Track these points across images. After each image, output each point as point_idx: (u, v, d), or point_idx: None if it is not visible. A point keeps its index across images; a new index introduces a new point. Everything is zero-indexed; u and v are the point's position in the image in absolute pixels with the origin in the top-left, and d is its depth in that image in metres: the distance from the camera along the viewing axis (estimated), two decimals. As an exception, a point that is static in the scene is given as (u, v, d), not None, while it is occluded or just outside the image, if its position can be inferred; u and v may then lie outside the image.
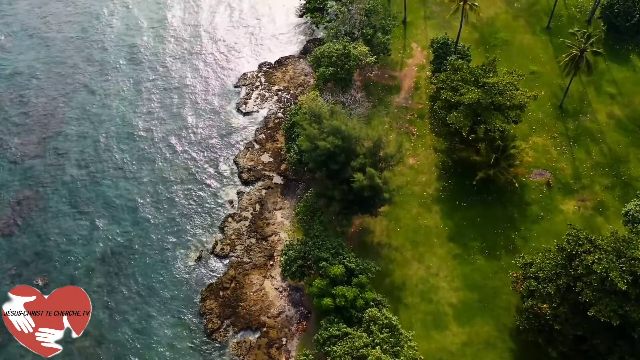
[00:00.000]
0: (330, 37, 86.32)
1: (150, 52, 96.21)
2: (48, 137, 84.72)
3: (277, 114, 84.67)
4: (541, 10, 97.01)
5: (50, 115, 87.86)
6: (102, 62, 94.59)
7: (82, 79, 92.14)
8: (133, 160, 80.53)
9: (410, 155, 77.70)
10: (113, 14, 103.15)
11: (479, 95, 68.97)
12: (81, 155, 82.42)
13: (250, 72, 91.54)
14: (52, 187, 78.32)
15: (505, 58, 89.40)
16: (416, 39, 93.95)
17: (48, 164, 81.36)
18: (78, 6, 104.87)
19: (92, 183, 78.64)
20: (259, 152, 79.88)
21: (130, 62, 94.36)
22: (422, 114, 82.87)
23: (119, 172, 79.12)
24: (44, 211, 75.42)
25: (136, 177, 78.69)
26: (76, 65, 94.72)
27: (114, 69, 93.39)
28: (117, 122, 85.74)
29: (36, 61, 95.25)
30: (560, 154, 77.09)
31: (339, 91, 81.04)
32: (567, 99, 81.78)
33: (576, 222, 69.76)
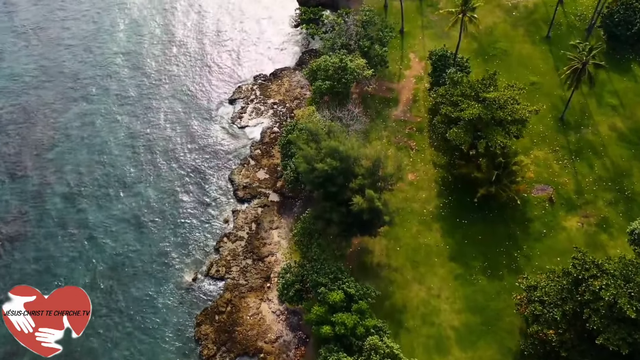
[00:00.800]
0: (326, 49, 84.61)
1: (142, 67, 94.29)
2: (41, 151, 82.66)
3: (272, 129, 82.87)
4: (540, 19, 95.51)
5: (43, 128, 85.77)
6: (93, 76, 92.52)
7: (75, 92, 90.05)
8: (125, 178, 78.60)
9: (409, 170, 75.97)
10: (104, 27, 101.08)
11: (479, 110, 67.31)
12: (73, 171, 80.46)
13: (245, 85, 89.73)
14: (42, 205, 76.34)
15: (504, 69, 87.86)
16: (414, 49, 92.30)
17: (39, 179, 79.40)
18: (71, 12, 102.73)
19: (83, 201, 76.60)
20: (254, 168, 78.04)
21: (120, 77, 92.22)
22: (421, 128, 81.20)
23: (110, 190, 77.20)
24: (33, 231, 73.29)
25: (128, 195, 76.76)
26: (70, 75, 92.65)
27: (107, 82, 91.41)
28: (109, 140, 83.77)
29: (29, 71, 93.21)
30: (562, 168, 75.56)
31: (335, 106, 79.27)
32: (568, 111, 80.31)
33: (579, 239, 68.45)
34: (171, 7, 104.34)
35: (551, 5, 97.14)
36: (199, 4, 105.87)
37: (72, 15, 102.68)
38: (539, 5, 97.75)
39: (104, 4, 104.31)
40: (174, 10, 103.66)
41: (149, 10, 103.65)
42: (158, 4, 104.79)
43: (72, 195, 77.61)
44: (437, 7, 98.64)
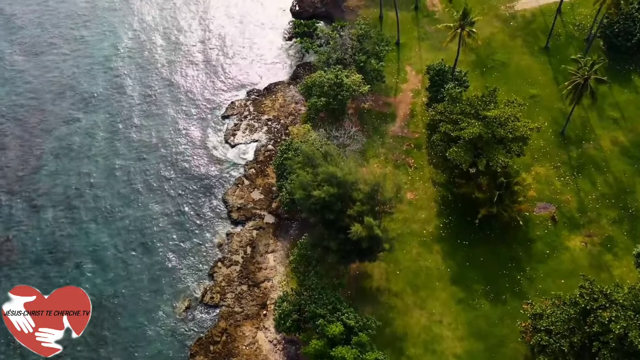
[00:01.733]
0: (321, 63, 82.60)
1: (132, 82, 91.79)
2: (27, 173, 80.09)
3: (267, 146, 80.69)
4: (538, 29, 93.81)
5: (30, 148, 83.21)
6: (81, 93, 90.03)
7: (62, 110, 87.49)
8: (114, 200, 76.24)
9: (408, 189, 74.00)
10: (92, 41, 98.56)
11: (479, 129, 65.41)
12: (60, 195, 77.83)
13: (239, 100, 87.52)
14: (27, 231, 73.77)
15: (503, 81, 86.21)
16: (410, 62, 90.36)
17: (25, 204, 76.82)
18: (55, 32, 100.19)
19: (71, 226, 74.21)
20: (249, 188, 75.84)
21: (110, 93, 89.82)
22: (419, 144, 79.26)
23: (100, 213, 74.75)
24: (17, 259, 70.69)
25: (117, 218, 74.34)
26: (56, 95, 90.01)
27: (94, 100, 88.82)
28: (98, 159, 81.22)
29: (12, 90, 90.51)
30: (564, 185, 73.80)
31: (331, 122, 77.39)
32: (569, 125, 78.56)
33: (583, 260, 66.76)
34: (159, 21, 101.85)
35: (549, 15, 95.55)
36: (188, 18, 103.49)
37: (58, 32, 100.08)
38: (536, 14, 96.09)
39: (87, 24, 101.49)
40: (162, 25, 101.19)
41: (138, 25, 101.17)
42: (145, 19, 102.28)
43: (58, 220, 75.07)
44: (434, 18, 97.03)
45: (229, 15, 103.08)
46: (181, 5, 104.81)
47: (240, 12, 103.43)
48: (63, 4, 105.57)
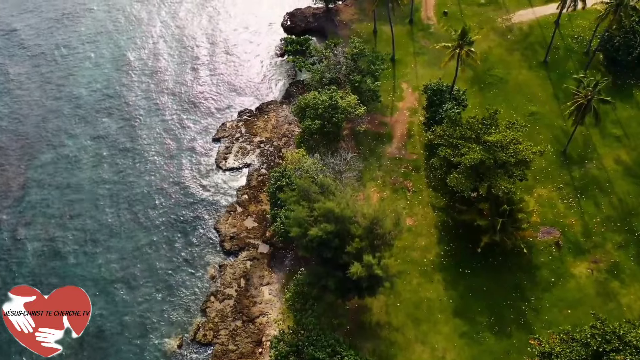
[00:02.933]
0: (314, 82, 79.98)
1: (118, 104, 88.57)
2: (11, 201, 76.77)
3: (260, 170, 77.84)
4: (536, 42, 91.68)
5: (13, 175, 79.87)
6: (66, 115, 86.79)
7: (48, 134, 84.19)
8: (101, 230, 73.04)
9: (407, 214, 71.38)
10: (76, 62, 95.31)
11: (481, 155, 62.90)
12: (45, 224, 74.56)
13: (230, 121, 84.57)
14: (10, 264, 70.41)
15: (502, 98, 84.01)
16: (406, 79, 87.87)
17: (8, 234, 73.52)
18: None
19: (55, 258, 70.91)
20: (241, 216, 72.94)
21: (96, 117, 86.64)
22: (417, 166, 76.71)
23: (85, 245, 71.51)
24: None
25: (103, 251, 71.05)
26: (40, 119, 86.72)
27: (79, 124, 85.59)
28: (82, 187, 77.94)
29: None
30: (568, 207, 71.49)
31: (326, 145, 74.78)
32: (571, 143, 76.32)
33: (590, 288, 64.49)
34: (149, 38, 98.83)
35: (546, 27, 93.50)
36: (175, 35, 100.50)
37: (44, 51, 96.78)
38: (534, 27, 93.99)
39: (72, 41, 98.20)
40: (152, 42, 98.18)
41: (125, 42, 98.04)
42: (133, 40, 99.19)
43: (42, 251, 71.83)
44: (429, 32, 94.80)
45: (217, 32, 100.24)
46: (168, 23, 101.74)
47: (230, 28, 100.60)
48: (41, 21, 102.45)
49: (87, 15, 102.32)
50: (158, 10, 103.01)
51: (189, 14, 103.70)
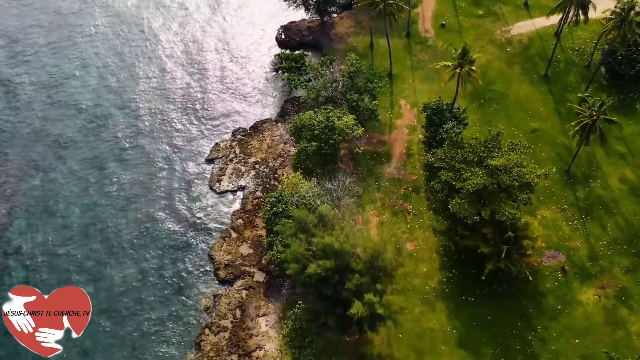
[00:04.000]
0: (310, 101, 77.55)
1: (107, 124, 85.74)
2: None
3: (255, 193, 75.33)
4: (536, 55, 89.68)
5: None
6: (55, 137, 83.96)
7: (33, 159, 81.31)
8: (89, 261, 70.27)
9: (407, 239, 69.17)
10: (65, 80, 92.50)
11: (484, 179, 60.75)
12: (32, 254, 71.58)
13: (224, 141, 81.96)
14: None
15: (502, 114, 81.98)
16: (404, 95, 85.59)
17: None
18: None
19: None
20: (236, 242, 70.45)
21: (85, 138, 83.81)
22: (417, 187, 74.43)
23: (73, 276, 68.57)
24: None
25: (90, 282, 68.04)
26: (27, 140, 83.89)
27: (68, 146, 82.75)
28: (71, 214, 74.89)
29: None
30: (573, 229, 69.43)
31: (323, 166, 72.46)
32: (575, 161, 74.25)
33: (598, 315, 62.46)
34: (137, 58, 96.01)
35: (546, 39, 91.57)
36: (168, 48, 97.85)
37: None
38: (533, 39, 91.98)
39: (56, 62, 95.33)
40: (141, 61, 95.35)
41: (113, 60, 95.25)
42: (122, 56, 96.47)
43: (26, 277, 69.00)
44: (427, 45, 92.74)
45: (210, 46, 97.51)
46: (157, 41, 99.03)
47: (222, 42, 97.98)
48: (28, 39, 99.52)
49: (77, 40, 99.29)
50: (146, 29, 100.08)
51: (180, 27, 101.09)
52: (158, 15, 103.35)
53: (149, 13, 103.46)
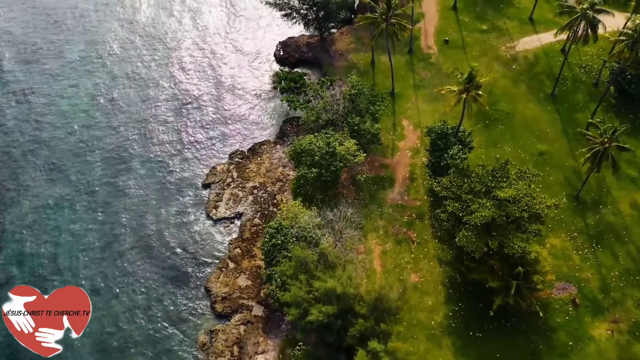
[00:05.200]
0: (309, 123, 74.90)
1: (97, 145, 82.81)
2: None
3: (253, 220, 72.63)
4: (542, 73, 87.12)
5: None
6: (44, 159, 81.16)
7: (22, 183, 78.48)
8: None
9: (411, 269, 66.54)
10: (56, 98, 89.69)
11: (492, 212, 58.16)
12: (22, 280, 68.87)
13: (220, 164, 79.19)
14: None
15: (508, 135, 79.40)
16: (407, 115, 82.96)
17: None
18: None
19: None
20: (234, 273, 67.74)
21: (75, 161, 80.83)
22: (421, 214, 71.77)
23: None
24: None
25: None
26: (15, 163, 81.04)
27: (58, 169, 79.94)
28: (59, 242, 71.96)
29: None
30: (584, 259, 66.86)
31: (324, 195, 69.89)
32: (584, 186, 71.72)
33: (611, 352, 59.91)
34: (131, 73, 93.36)
35: (552, 55, 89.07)
36: (162, 66, 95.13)
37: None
38: (539, 56, 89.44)
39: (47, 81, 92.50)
40: (134, 79, 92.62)
41: (104, 80, 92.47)
42: (112, 71, 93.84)
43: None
44: (429, 62, 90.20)
45: (205, 63, 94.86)
46: (151, 56, 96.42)
47: (218, 59, 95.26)
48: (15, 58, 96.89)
49: (66, 57, 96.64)
50: (137, 49, 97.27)
51: (173, 44, 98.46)
52: (149, 33, 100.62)
53: (139, 32, 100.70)
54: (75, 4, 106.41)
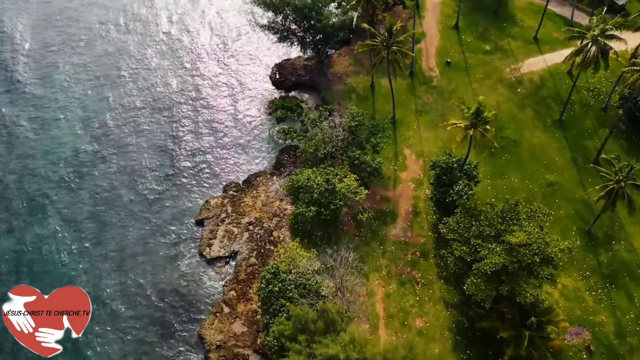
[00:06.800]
0: (308, 155, 71.40)
1: (86, 179, 78.96)
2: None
3: (249, 259, 69.01)
4: (549, 97, 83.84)
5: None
6: (26, 193, 77.31)
7: (5, 215, 74.81)
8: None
9: (416, 314, 63.07)
10: (43, 128, 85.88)
11: (502, 259, 54.78)
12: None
13: (214, 198, 75.47)
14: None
15: (515, 165, 76.06)
16: (409, 143, 79.48)
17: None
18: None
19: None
20: (229, 318, 64.12)
21: (60, 196, 76.98)
22: (426, 251, 68.34)
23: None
24: None
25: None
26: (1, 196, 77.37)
27: (40, 204, 76.07)
28: (46, 278, 68.23)
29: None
30: (597, 301, 63.53)
31: (323, 232, 66.44)
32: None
33: (629, 405, 56.40)
34: (120, 98, 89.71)
35: (559, 77, 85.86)
36: (152, 91, 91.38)
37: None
38: (545, 78, 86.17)
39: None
40: (124, 104, 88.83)
41: (93, 106, 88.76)
42: (101, 93, 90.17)
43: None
44: (431, 85, 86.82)
45: (198, 89, 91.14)
46: (143, 80, 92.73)
47: (211, 82, 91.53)
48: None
49: (55, 80, 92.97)
50: (126, 72, 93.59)
51: (163, 66, 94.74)
52: (139, 56, 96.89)
53: (128, 54, 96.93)
54: (64, 28, 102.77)
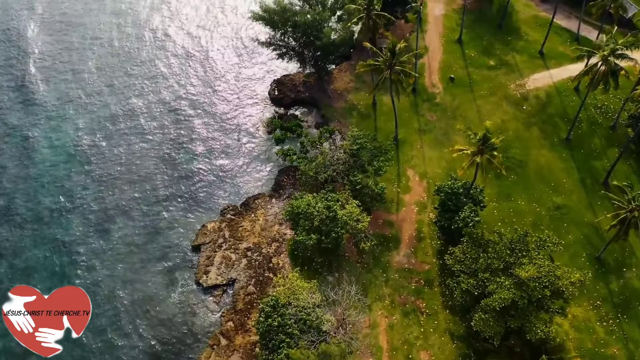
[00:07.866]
0: (307, 178, 69.06)
1: (78, 203, 76.16)
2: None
3: (247, 287, 66.63)
4: (556, 114, 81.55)
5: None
6: (18, 212, 74.79)
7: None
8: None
9: (421, 346, 60.75)
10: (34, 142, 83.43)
11: (512, 294, 52.48)
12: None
13: (211, 222, 73.05)
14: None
15: (522, 186, 73.80)
16: (412, 164, 77.14)
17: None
18: None
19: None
20: (226, 351, 61.73)
21: (51, 220, 74.33)
22: (430, 279, 66.02)
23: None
24: None
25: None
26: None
27: (30, 226, 73.55)
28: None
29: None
30: (608, 332, 61.23)
31: (324, 259, 64.11)
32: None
33: None
34: (116, 117, 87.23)
35: (565, 94, 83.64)
36: (149, 109, 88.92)
37: None
38: (552, 95, 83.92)
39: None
40: (115, 125, 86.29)
41: (84, 124, 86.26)
42: (97, 114, 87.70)
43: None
44: (434, 102, 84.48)
45: (193, 106, 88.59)
46: (138, 97, 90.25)
47: (207, 102, 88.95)
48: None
49: (45, 97, 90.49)
50: (120, 90, 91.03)
51: (157, 83, 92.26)
52: (131, 73, 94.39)
53: (121, 73, 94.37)
54: (57, 39, 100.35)
